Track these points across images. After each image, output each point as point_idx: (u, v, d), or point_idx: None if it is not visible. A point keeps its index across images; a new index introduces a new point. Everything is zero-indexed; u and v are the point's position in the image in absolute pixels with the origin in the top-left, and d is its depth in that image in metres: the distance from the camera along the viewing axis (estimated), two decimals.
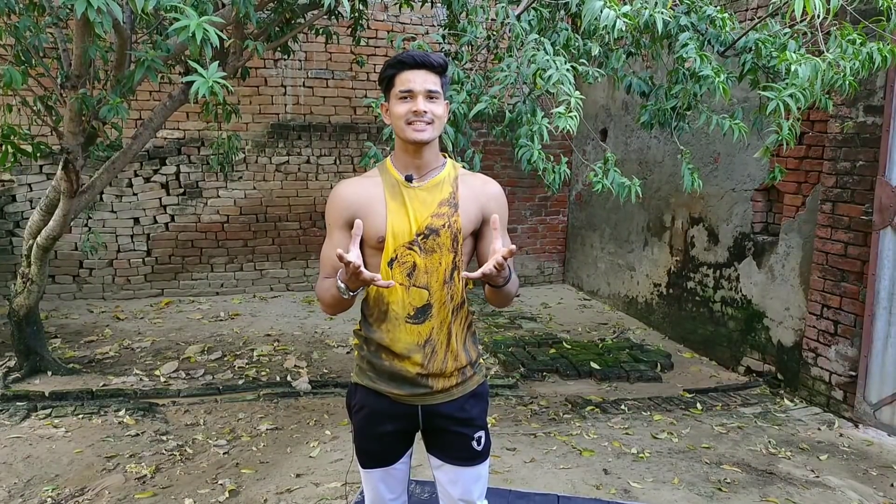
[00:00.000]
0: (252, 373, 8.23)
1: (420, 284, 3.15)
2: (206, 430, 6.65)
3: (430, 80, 3.01)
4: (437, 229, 3.11)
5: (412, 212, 3.12)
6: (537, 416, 7.15)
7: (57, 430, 6.58)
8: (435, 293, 3.17)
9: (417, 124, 3.01)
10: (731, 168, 8.67)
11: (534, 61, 5.30)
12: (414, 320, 3.18)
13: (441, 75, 3.05)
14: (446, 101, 3.14)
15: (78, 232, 10.92)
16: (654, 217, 10.44)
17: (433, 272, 3.15)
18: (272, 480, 5.73)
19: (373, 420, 3.38)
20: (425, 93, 2.99)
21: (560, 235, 13.55)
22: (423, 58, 2.99)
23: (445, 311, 3.20)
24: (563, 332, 10.23)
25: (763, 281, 8.20)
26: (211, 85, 4.32)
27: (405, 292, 3.16)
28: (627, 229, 11.17)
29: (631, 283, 11.14)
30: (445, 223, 3.11)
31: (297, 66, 11.60)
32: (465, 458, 3.37)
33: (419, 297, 3.16)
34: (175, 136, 11.27)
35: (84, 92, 6.40)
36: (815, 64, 4.99)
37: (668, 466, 6.05)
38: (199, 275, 11.76)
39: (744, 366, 8.48)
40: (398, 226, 3.11)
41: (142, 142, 7.50)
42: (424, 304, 3.17)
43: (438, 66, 3.02)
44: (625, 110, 11.00)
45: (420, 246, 3.12)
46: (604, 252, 11.99)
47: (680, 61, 5.90)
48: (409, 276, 3.16)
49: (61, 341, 9.24)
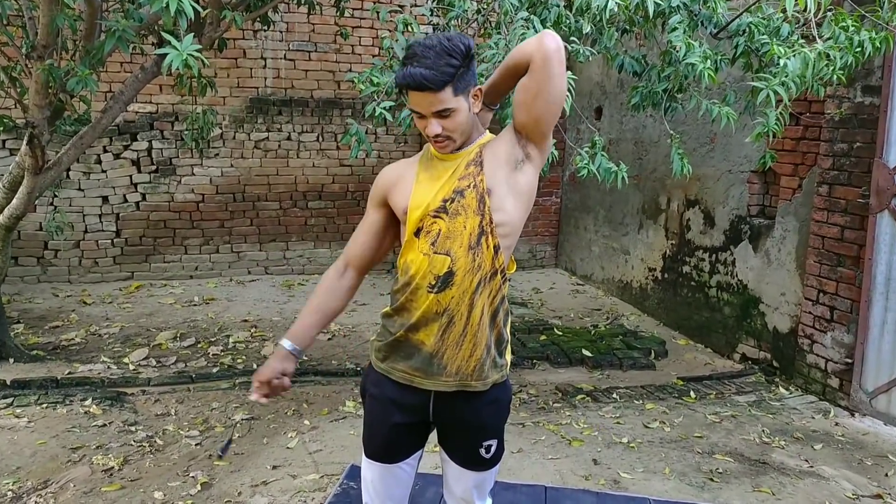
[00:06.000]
0: (227, 360, 8.27)
1: (442, 251, 3.13)
2: (177, 421, 6.71)
3: (437, 100, 2.98)
4: (462, 190, 3.12)
5: (439, 182, 3.17)
6: (526, 406, 7.29)
7: (19, 421, 6.59)
8: (458, 260, 3.12)
9: (436, 142, 3.11)
10: (727, 149, 8.86)
11: (523, 38, 5.33)
12: (435, 289, 3.15)
13: (448, 84, 2.96)
14: (475, 87, 3.09)
15: (43, 211, 10.89)
16: (649, 199, 10.64)
17: (456, 236, 3.12)
18: (247, 472, 5.78)
19: (382, 407, 3.38)
20: (432, 115, 3.02)
21: (553, 218, 13.65)
22: (418, 83, 2.94)
23: (470, 280, 3.13)
24: (554, 318, 10.37)
25: (759, 265, 8.39)
26: (185, 58, 4.40)
27: (428, 261, 3.15)
28: (622, 211, 11.36)
29: (625, 267, 11.33)
30: (471, 183, 3.12)
31: (278, 38, 11.63)
32: (471, 462, 3.40)
33: (442, 264, 3.13)
34: (147, 110, 11.29)
35: (51, 63, 6.39)
36: (804, 56, 5.15)
37: (659, 456, 6.21)
38: (171, 257, 11.77)
39: (739, 353, 8.68)
40: (421, 195, 3.18)
41: (112, 116, 7.46)
42: (447, 272, 3.13)
43: (442, 83, 2.94)
44: (620, 88, 11.14)
45: (446, 210, 3.14)
46: (598, 235, 12.16)
47: (671, 44, 6.02)
48: (433, 245, 3.15)
49: (24, 327, 9.22)
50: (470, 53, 3.01)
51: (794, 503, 5.56)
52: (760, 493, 5.66)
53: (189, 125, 11.19)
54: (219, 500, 5.39)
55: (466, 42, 3.01)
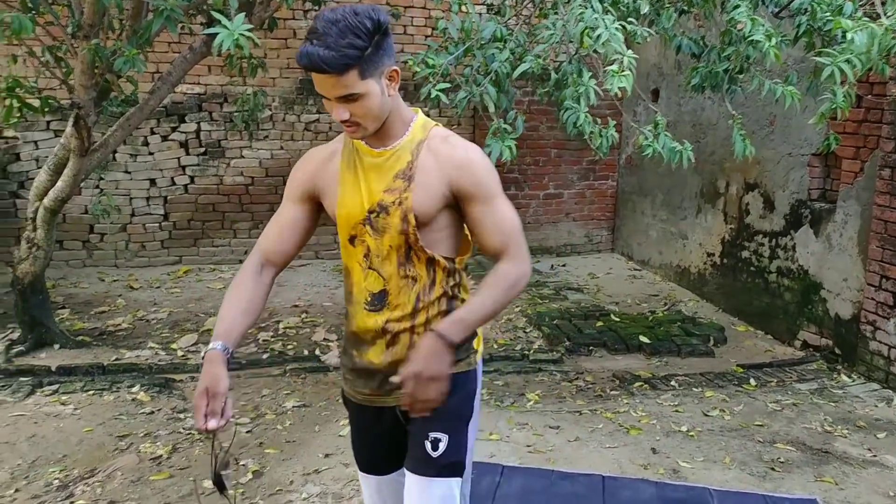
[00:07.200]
0: (278, 346, 8.32)
1: (374, 267, 3.01)
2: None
3: (340, 84, 2.69)
4: (388, 206, 2.94)
5: (365, 185, 2.98)
6: (583, 393, 7.29)
7: (65, 408, 6.63)
8: (391, 279, 3.01)
9: (346, 128, 2.86)
10: (787, 131, 8.81)
11: (581, 19, 5.35)
12: (371, 307, 3.04)
13: (352, 67, 2.66)
14: (390, 67, 2.80)
15: (88, 194, 10.93)
16: (707, 182, 10.60)
17: (384, 255, 2.99)
18: (299, 460, 5.80)
19: (357, 425, 3.34)
20: (337, 100, 2.75)
21: (609, 201, 13.59)
22: (315, 65, 2.65)
23: (406, 296, 3.01)
24: (611, 303, 10.34)
25: (820, 250, 8.33)
26: (236, 38, 4.44)
27: (363, 275, 3.04)
28: (680, 195, 11.32)
29: (683, 252, 11.29)
30: (396, 199, 2.92)
31: None
32: (417, 462, 3.09)
33: (375, 281, 3.02)
34: (195, 91, 11.31)
35: (97, 42, 6.43)
36: (871, 31, 5.11)
37: (719, 445, 6.19)
38: (220, 241, 11.83)
39: (800, 340, 8.63)
40: (349, 201, 3.01)
41: (159, 97, 7.54)
42: (381, 290, 3.02)
43: (343, 66, 2.64)
44: (678, 69, 11.05)
45: (372, 224, 2.97)
46: (655, 219, 12.13)
47: (732, 23, 6.00)
48: (366, 258, 3.03)
49: (69, 312, 9.23)
50: (381, 29, 2.72)
51: (858, 493, 5.53)
52: (823, 483, 5.64)
53: (239, 107, 11.18)
54: (270, 488, 5.41)
55: (376, 17, 2.70)
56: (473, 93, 6.00)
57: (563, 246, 13.36)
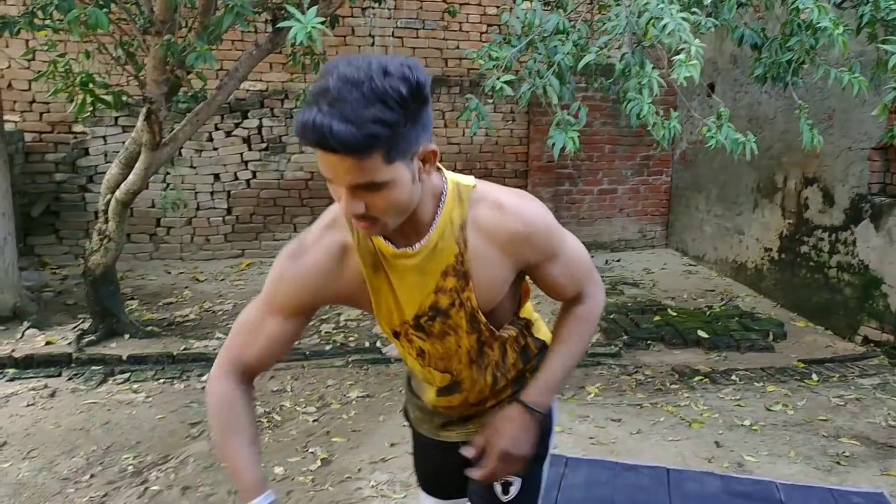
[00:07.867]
0: (340, 338, 8.34)
1: (438, 368, 2.55)
2: (293, 397, 6.79)
3: (357, 169, 1.92)
4: (446, 310, 2.37)
5: (405, 291, 2.36)
6: (642, 386, 7.23)
7: (136, 396, 6.76)
8: (462, 372, 2.54)
9: (359, 223, 2.11)
10: (846, 125, 8.67)
11: (646, 10, 5.32)
12: (441, 394, 2.63)
13: (377, 149, 1.90)
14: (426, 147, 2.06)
15: (155, 188, 10.98)
16: (764, 177, 10.45)
17: (452, 357, 2.50)
18: (365, 449, 5.82)
19: (423, 455, 2.98)
20: (351, 188, 1.98)
21: (663, 197, 13.52)
22: (323, 141, 1.86)
23: (483, 378, 2.57)
24: (667, 298, 10.26)
25: (881, 245, 8.18)
26: (309, 31, 4.43)
27: (424, 370, 2.59)
28: (736, 190, 11.19)
29: (740, 247, 11.16)
30: (454, 300, 2.35)
31: (386, 15, 11.63)
32: (483, 502, 2.71)
33: (441, 378, 2.57)
34: (257, 87, 11.40)
35: (169, 38, 6.47)
36: None
37: (783, 439, 6.10)
38: (281, 235, 11.78)
39: (861, 335, 8.48)
40: (384, 308, 2.42)
41: (227, 92, 7.59)
42: (451, 383, 2.57)
43: (366, 147, 1.87)
44: (733, 64, 10.97)
45: (424, 329, 2.43)
46: (710, 215, 12.00)
47: (795, 12, 5.91)
48: (422, 358, 2.54)
49: (138, 303, 9.36)
50: (420, 97, 1.95)
51: None
52: (889, 477, 5.53)
53: (300, 103, 11.05)
54: (339, 475, 5.42)
55: (414, 77, 1.92)
56: (537, 85, 5.92)
57: (616, 241, 13.29)
